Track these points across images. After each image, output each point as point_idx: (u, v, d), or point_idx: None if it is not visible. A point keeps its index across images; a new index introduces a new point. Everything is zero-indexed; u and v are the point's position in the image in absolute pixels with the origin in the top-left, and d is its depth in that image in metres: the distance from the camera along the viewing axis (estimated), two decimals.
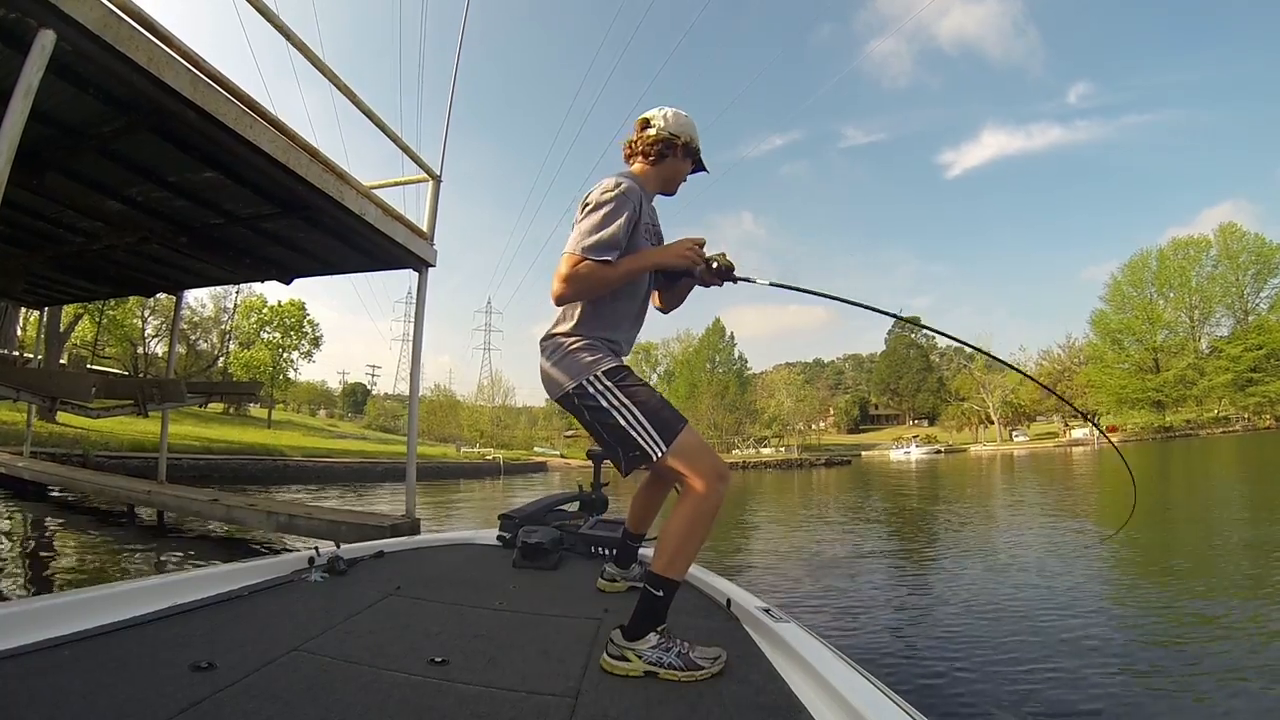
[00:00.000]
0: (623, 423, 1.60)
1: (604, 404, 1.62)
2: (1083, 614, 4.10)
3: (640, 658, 1.46)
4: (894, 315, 2.44)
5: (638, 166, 1.83)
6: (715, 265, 1.74)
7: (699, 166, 1.92)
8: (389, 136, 5.01)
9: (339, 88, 4.43)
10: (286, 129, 3.85)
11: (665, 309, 2.02)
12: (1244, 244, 53.74)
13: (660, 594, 1.52)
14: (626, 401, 1.61)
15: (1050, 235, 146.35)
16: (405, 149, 5.24)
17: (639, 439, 1.58)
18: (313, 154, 4.09)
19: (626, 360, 1.80)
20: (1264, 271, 52.82)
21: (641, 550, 2.80)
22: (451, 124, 5.89)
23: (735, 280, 1.77)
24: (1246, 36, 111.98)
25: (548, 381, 1.73)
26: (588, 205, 1.63)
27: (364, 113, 4.68)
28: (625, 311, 1.77)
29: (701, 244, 1.69)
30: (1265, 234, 53.55)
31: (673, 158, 1.81)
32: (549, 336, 1.74)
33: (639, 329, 1.87)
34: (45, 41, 2.43)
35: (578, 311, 1.70)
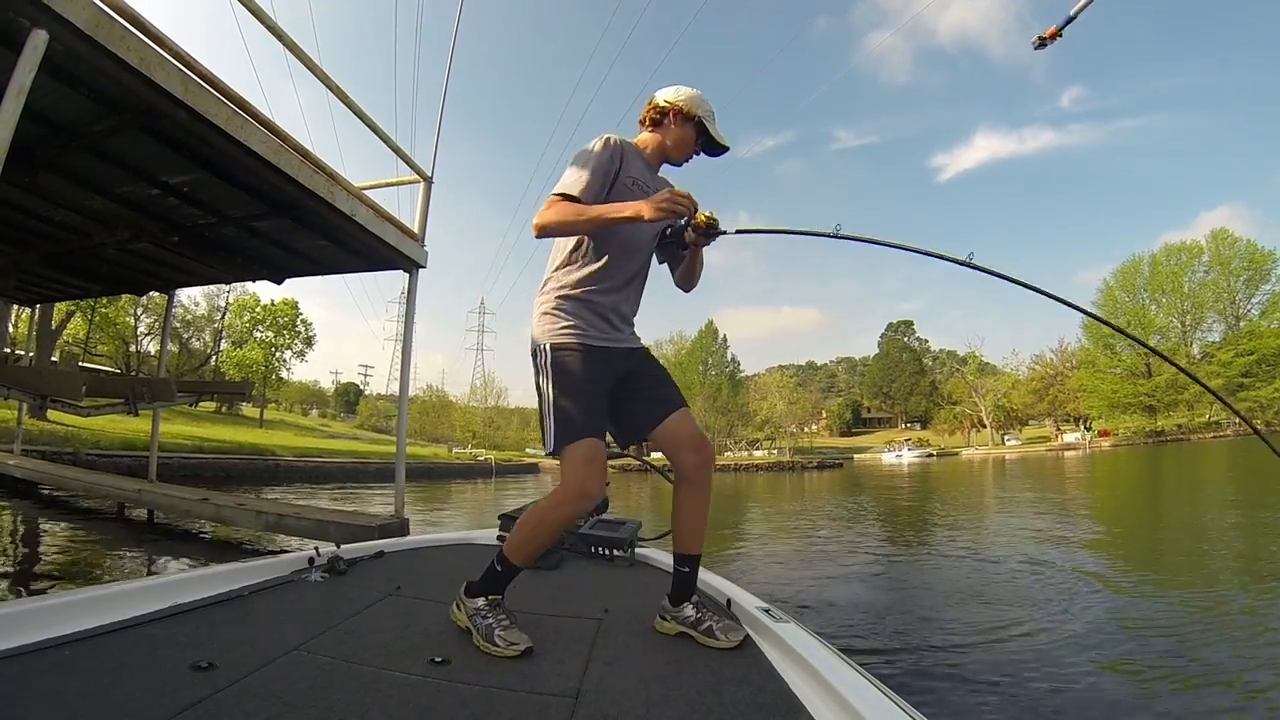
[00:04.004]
0: (542, 406, 1.70)
1: (540, 380, 1.72)
2: (1085, 615, 4.08)
3: (465, 613, 1.64)
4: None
5: (640, 136, 1.94)
6: (695, 224, 1.75)
7: (712, 143, 1.91)
8: (380, 138, 5.04)
9: (331, 89, 4.45)
10: (278, 129, 3.88)
11: (681, 285, 2.02)
12: (1236, 250, 53.94)
13: (500, 569, 1.68)
14: (552, 389, 1.68)
15: (1044, 239, 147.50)
16: (396, 150, 5.26)
17: (543, 428, 1.69)
18: (304, 155, 4.11)
19: (620, 328, 1.82)
20: (1256, 277, 53.01)
21: (703, 574, 2.39)
22: (446, 122, 5.95)
23: (720, 233, 1.79)
24: (1246, 41, 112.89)
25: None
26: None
27: (356, 114, 4.70)
28: (605, 269, 1.77)
29: (684, 196, 1.64)
30: (1262, 238, 53.89)
31: (669, 124, 1.89)
32: (542, 284, 1.82)
33: (629, 297, 1.87)
34: (38, 41, 2.45)
35: (559, 260, 1.80)
